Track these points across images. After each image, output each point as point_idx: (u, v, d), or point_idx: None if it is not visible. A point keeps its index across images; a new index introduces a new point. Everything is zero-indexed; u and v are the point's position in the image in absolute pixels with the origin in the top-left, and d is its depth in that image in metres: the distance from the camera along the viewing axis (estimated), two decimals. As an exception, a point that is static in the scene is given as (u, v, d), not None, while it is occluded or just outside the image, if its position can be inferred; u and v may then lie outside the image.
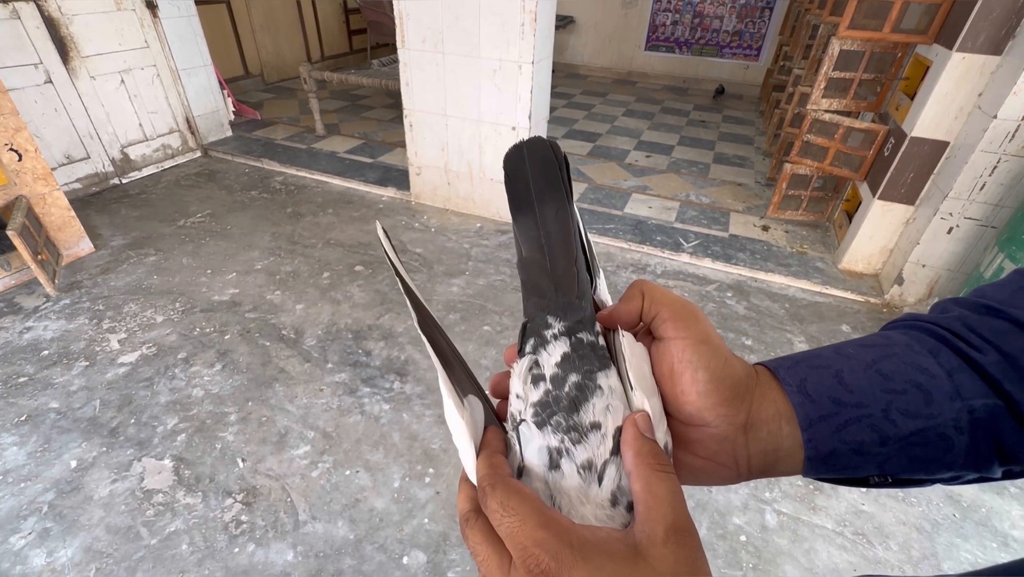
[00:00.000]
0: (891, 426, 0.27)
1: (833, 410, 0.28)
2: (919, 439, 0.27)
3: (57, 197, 2.26)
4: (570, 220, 0.30)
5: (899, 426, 0.27)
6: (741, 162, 3.76)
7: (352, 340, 1.94)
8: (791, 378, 0.29)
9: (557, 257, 0.30)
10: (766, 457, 0.29)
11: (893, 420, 0.27)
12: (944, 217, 2.02)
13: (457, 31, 2.36)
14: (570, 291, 0.30)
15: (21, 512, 1.34)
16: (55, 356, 1.82)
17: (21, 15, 2.50)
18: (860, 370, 0.28)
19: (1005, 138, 1.82)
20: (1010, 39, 1.79)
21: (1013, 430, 0.27)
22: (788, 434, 0.28)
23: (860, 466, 0.28)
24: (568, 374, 0.28)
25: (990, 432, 0.27)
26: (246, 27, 4.83)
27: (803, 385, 0.29)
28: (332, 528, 1.33)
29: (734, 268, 2.48)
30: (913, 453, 0.27)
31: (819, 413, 0.28)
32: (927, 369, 0.28)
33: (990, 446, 0.27)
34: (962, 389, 0.27)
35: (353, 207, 2.94)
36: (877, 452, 0.27)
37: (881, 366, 0.28)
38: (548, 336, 0.30)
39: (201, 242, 2.54)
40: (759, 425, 0.28)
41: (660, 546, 0.22)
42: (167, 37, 3.15)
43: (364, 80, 3.43)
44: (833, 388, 0.28)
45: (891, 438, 0.27)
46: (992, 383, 0.27)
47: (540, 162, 0.31)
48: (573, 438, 0.27)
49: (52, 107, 2.72)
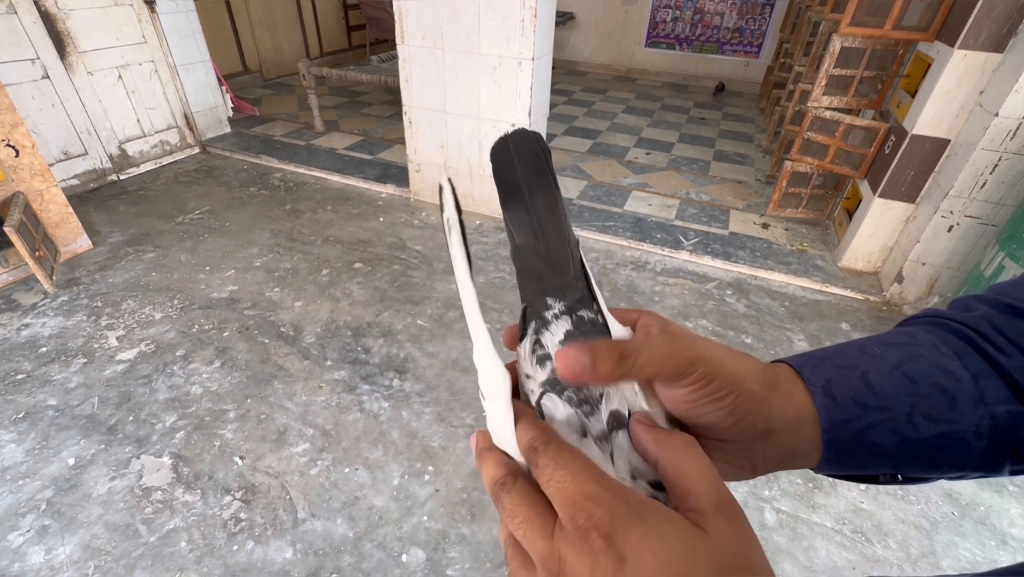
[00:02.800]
0: (913, 430, 0.27)
1: (856, 413, 0.27)
2: (939, 443, 0.27)
3: (55, 193, 2.25)
4: (559, 205, 0.31)
5: (921, 431, 0.27)
6: (741, 160, 3.76)
7: (351, 337, 1.94)
8: (816, 378, 0.28)
9: (551, 240, 0.30)
10: (782, 459, 0.28)
11: (916, 424, 0.27)
12: (945, 215, 2.02)
13: (457, 27, 2.35)
14: (567, 271, 0.30)
15: (19, 509, 1.34)
16: (53, 353, 1.82)
17: (18, 10, 2.49)
18: (886, 372, 0.28)
19: (1006, 136, 1.81)
20: (1012, 37, 1.79)
21: None
22: (808, 437, 0.28)
23: (876, 466, 0.28)
24: None
25: (1009, 438, 0.27)
26: (245, 23, 4.81)
27: (828, 386, 0.28)
28: (331, 526, 1.33)
29: (734, 266, 2.48)
30: (930, 456, 0.27)
31: (843, 416, 0.27)
32: (953, 372, 0.27)
33: (1007, 450, 0.27)
34: (986, 394, 0.27)
35: (352, 204, 2.93)
36: (895, 454, 0.27)
37: (907, 368, 0.28)
38: (549, 316, 0.30)
39: (200, 239, 2.53)
40: (779, 430, 0.27)
41: (712, 519, 0.21)
42: (165, 32, 3.13)
43: (363, 76, 3.42)
44: (858, 390, 0.28)
45: (911, 441, 0.27)
46: (1016, 388, 0.27)
47: (527, 152, 0.31)
48: (585, 411, 0.27)
49: (49, 103, 2.71)
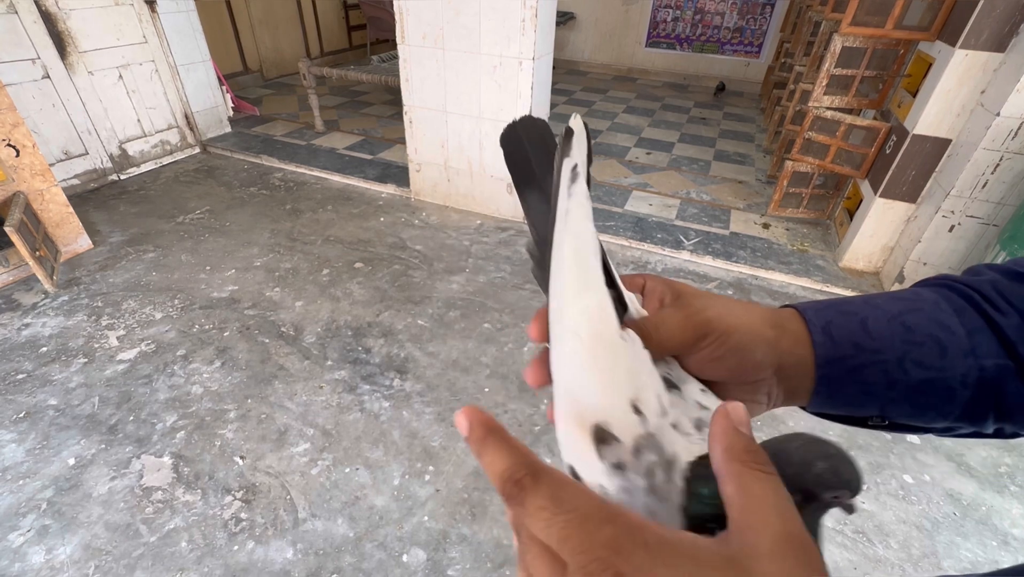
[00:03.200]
0: (902, 374, 0.28)
1: (851, 353, 0.29)
2: (926, 388, 0.28)
3: (55, 193, 2.25)
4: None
5: (910, 375, 0.28)
6: (742, 159, 3.75)
7: (352, 337, 1.94)
8: (817, 319, 0.30)
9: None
10: (788, 394, 0.30)
11: (906, 369, 0.28)
12: (946, 215, 2.02)
13: (457, 27, 2.35)
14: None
15: (20, 509, 1.34)
16: (54, 353, 1.82)
17: (18, 9, 2.49)
18: (885, 320, 0.30)
19: (1008, 136, 1.81)
20: (1013, 36, 1.79)
21: (1017, 391, 0.28)
22: (808, 374, 0.30)
23: (864, 405, 0.30)
24: None
25: (994, 390, 0.28)
26: (245, 23, 4.81)
27: (828, 327, 0.30)
28: (332, 526, 1.33)
29: (734, 266, 2.48)
30: (916, 401, 0.29)
31: (837, 354, 0.29)
32: (949, 326, 0.29)
33: (990, 403, 0.29)
34: (978, 348, 0.28)
35: (352, 204, 2.93)
36: (883, 394, 0.29)
37: (906, 318, 0.30)
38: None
39: (200, 239, 2.53)
40: (788, 365, 0.29)
41: (766, 560, 0.18)
42: (166, 32, 3.13)
43: (364, 76, 3.41)
44: (856, 333, 0.29)
45: (899, 383, 0.28)
46: (1008, 345, 0.28)
47: (536, 137, 0.31)
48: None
49: (50, 102, 2.71)
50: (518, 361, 1.86)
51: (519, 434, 1.58)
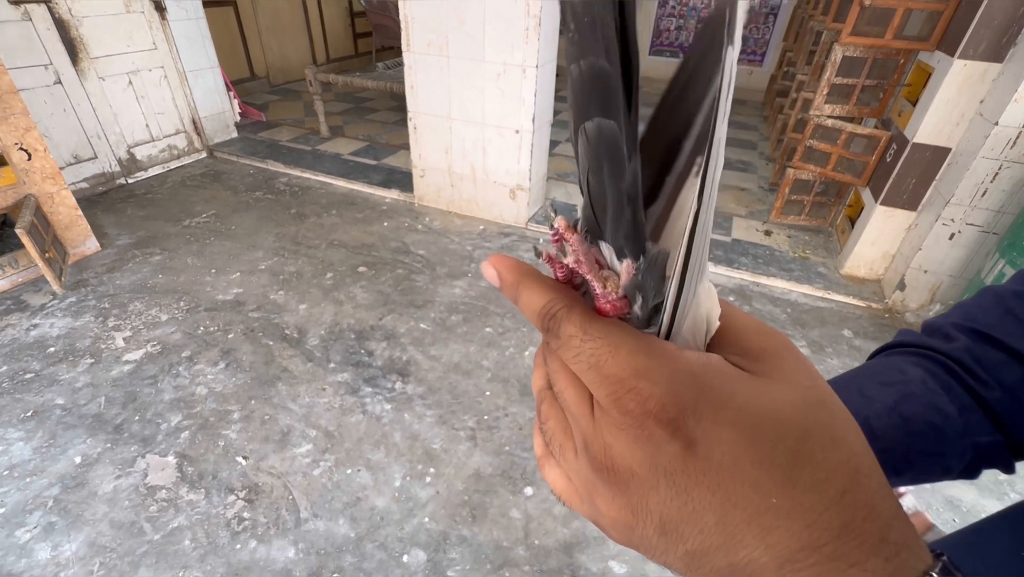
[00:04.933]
0: (907, 465, 0.30)
1: None
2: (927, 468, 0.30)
3: (65, 196, 2.29)
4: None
5: (914, 464, 0.30)
6: (744, 167, 3.77)
7: (354, 340, 1.96)
8: None
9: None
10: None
11: (910, 460, 0.30)
12: (946, 223, 2.03)
13: (462, 35, 2.38)
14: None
15: (27, 506, 1.35)
16: (61, 353, 1.84)
17: (32, 17, 2.53)
18: (885, 415, 0.31)
19: (1006, 145, 1.82)
20: (1011, 47, 1.80)
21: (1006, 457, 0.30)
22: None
23: None
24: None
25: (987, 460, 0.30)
26: (252, 30, 4.88)
27: None
28: (333, 526, 1.34)
29: (736, 272, 2.49)
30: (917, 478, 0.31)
31: None
32: (942, 409, 0.31)
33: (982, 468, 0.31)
34: (970, 426, 0.30)
35: (356, 209, 2.96)
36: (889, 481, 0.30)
37: (903, 408, 0.31)
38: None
39: (206, 242, 2.56)
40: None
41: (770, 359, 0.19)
42: (175, 39, 3.18)
43: (369, 83, 3.45)
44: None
45: (904, 472, 0.30)
46: (997, 420, 0.30)
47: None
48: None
49: (61, 107, 2.75)
50: (519, 365, 1.87)
51: (521, 438, 1.60)
